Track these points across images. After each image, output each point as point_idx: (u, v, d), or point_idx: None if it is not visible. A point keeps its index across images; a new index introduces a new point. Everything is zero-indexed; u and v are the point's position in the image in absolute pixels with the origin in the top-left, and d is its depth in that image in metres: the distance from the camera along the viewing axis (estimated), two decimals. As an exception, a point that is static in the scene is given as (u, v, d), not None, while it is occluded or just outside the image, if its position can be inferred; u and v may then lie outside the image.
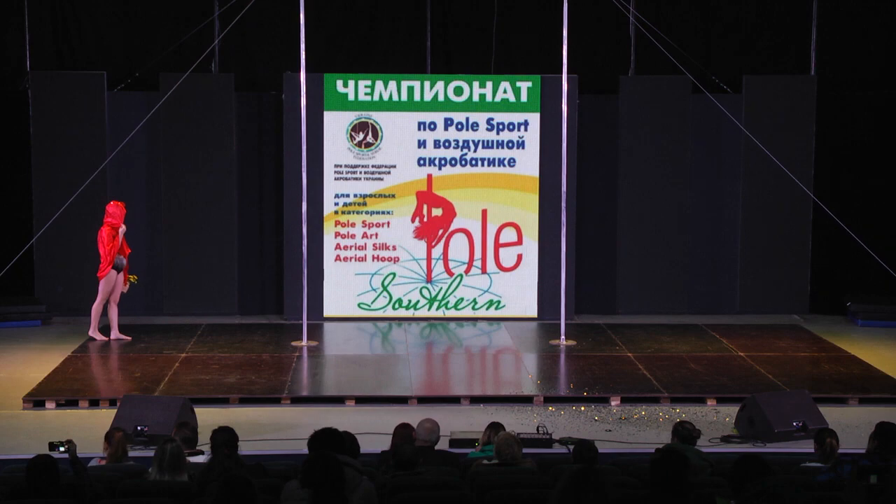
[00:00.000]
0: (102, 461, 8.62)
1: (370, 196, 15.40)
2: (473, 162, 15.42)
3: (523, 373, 12.76)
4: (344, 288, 15.39)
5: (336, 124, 15.26)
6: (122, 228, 13.74)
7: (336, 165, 15.30)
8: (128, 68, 15.52)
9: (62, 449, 7.84)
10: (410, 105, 15.30)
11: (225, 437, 7.94)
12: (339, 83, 15.23)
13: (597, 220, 15.92)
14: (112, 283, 13.73)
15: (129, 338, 13.86)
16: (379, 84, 15.23)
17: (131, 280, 13.93)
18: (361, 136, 15.31)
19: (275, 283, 15.77)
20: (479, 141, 15.38)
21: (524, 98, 15.31)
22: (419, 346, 14.23)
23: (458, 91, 15.31)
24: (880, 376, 12.53)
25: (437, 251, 15.47)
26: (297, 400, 11.66)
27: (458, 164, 15.42)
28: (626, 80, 15.85)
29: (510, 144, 15.39)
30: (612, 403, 11.59)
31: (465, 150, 15.40)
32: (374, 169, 15.35)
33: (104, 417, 10.52)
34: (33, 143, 15.34)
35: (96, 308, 13.80)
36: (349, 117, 15.24)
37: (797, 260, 15.94)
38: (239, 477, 5.99)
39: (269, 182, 15.75)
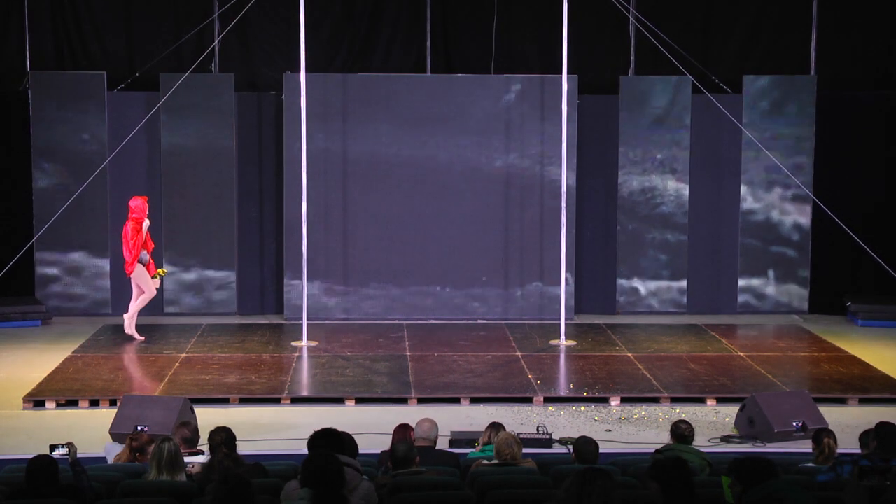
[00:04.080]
0: (117, 458, 8.55)
1: (370, 196, 15.40)
2: (473, 162, 15.42)
3: (523, 373, 12.75)
4: (344, 288, 15.39)
5: (336, 124, 15.27)
6: (147, 223, 13.69)
7: (336, 165, 15.30)
8: (128, 68, 15.52)
9: (62, 452, 7.83)
10: (410, 105, 15.31)
11: (223, 437, 7.93)
12: (339, 83, 15.22)
13: (597, 220, 15.91)
14: (147, 279, 13.58)
15: (143, 338, 13.77)
16: (379, 84, 15.22)
17: (160, 273, 13.90)
18: (361, 136, 15.30)
19: (275, 283, 15.77)
20: (479, 141, 15.38)
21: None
22: (419, 346, 14.21)
23: (458, 91, 15.30)
24: (880, 376, 12.53)
25: (437, 251, 15.47)
26: (297, 400, 11.66)
27: (458, 164, 15.42)
28: (626, 80, 15.84)
29: (510, 144, 15.38)
30: (612, 403, 11.59)
31: (465, 150, 15.40)
32: (374, 169, 15.34)
33: (104, 417, 10.52)
34: (33, 143, 15.33)
35: (136, 306, 13.70)
36: (349, 117, 15.25)
37: (797, 260, 15.93)
38: (237, 476, 5.99)
39: (269, 182, 15.74)
